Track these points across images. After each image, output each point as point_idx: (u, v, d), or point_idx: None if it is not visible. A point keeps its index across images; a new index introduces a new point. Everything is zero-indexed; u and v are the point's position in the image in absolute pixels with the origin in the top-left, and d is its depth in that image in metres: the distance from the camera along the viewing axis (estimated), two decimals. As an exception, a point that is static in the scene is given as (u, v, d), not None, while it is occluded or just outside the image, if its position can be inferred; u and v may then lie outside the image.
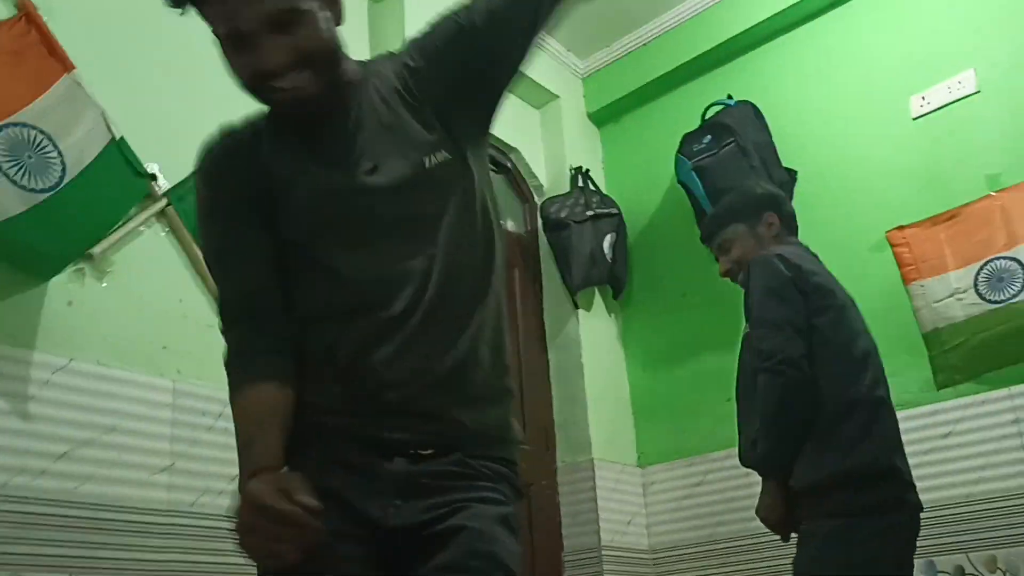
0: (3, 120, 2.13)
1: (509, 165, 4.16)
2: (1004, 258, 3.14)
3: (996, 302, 3.12)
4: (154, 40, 2.65)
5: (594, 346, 3.95)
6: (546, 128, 4.33)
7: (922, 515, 2.20)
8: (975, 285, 3.17)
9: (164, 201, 2.51)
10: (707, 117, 3.87)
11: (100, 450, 2.17)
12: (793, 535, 2.21)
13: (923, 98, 3.50)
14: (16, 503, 2.01)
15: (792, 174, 3.70)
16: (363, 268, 1.32)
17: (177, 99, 2.67)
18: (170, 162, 2.55)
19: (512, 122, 4.17)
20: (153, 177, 2.48)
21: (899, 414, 3.15)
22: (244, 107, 2.82)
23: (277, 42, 1.26)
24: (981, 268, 3.17)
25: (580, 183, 4.14)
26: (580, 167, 4.18)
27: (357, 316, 1.31)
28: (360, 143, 1.35)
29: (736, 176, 3.56)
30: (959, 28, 3.49)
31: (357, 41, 3.46)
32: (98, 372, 2.24)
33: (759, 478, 2.25)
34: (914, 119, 3.51)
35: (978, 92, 3.37)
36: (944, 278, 3.24)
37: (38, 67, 2.27)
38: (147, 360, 2.37)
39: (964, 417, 3.14)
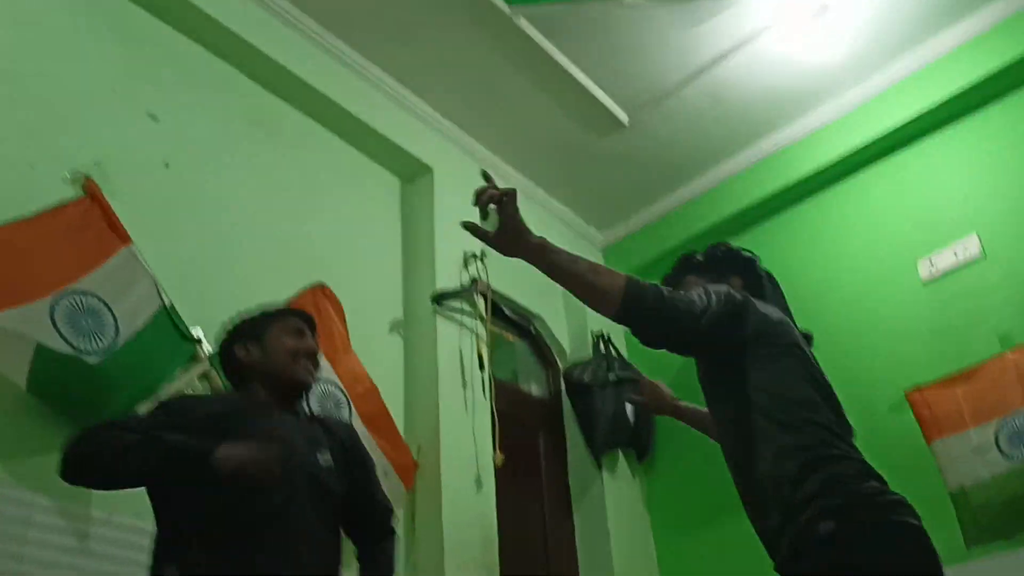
0: (65, 287, 2.31)
1: (532, 331, 4.30)
2: (1023, 415, 3.18)
3: (1018, 459, 3.14)
4: (201, 218, 2.89)
5: (619, 510, 3.95)
6: (568, 296, 4.46)
7: None
8: (996, 442, 3.19)
9: (207, 364, 2.65)
10: (723, 284, 4.03)
11: (134, 604, 2.22)
12: None
13: (931, 262, 3.66)
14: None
15: (808, 336, 3.80)
16: None
17: (220, 268, 2.87)
18: (214, 327, 2.71)
19: (535, 290, 4.36)
20: (198, 341, 2.63)
21: (929, 575, 3.15)
22: (281, 278, 3.03)
23: None
24: (1001, 426, 3.21)
25: (602, 349, 4.26)
26: (602, 333, 4.31)
27: None
28: None
29: (753, 338, 3.68)
30: (961, 196, 3.68)
31: (390, 220, 3.72)
32: (137, 526, 2.30)
33: None
34: (924, 283, 3.64)
35: (983, 256, 3.52)
36: (965, 436, 3.27)
37: (99, 240, 2.48)
38: (183, 516, 2.44)
39: (997, 578, 3.09)
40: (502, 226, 1.70)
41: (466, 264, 3.75)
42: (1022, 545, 3.09)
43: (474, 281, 3.71)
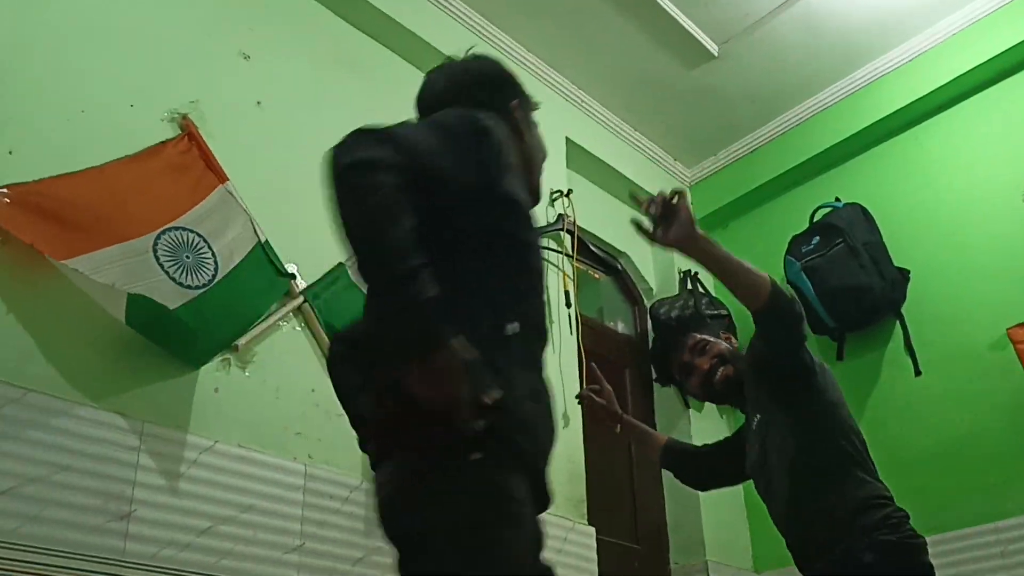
0: (167, 224, 2.39)
1: (619, 268, 4.28)
2: None
3: None
4: (293, 156, 2.94)
5: (707, 447, 3.94)
6: (655, 233, 4.45)
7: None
8: (1104, 382, 3.08)
9: (301, 299, 2.72)
10: (815, 219, 3.93)
11: (238, 527, 2.32)
12: None
13: (1037, 196, 3.49)
14: (164, 573, 2.16)
15: (905, 273, 3.70)
16: None
17: (312, 205, 2.91)
18: (306, 263, 2.78)
19: (622, 228, 4.32)
20: (292, 276, 2.70)
21: (1033, 519, 3.09)
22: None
23: None
24: (1109, 364, 3.09)
25: (689, 286, 4.22)
26: (689, 270, 4.26)
27: None
28: None
29: (845, 275, 3.60)
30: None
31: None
32: (239, 454, 2.41)
33: None
34: (1029, 217, 3.49)
35: (1093, 186, 3.35)
36: (1070, 374, 3.16)
37: (198, 179, 2.55)
38: (282, 444, 2.53)
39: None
40: (683, 220, 1.94)
41: (552, 201, 3.74)
42: None
43: (561, 218, 3.70)
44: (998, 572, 3.10)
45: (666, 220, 1.95)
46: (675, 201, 1.94)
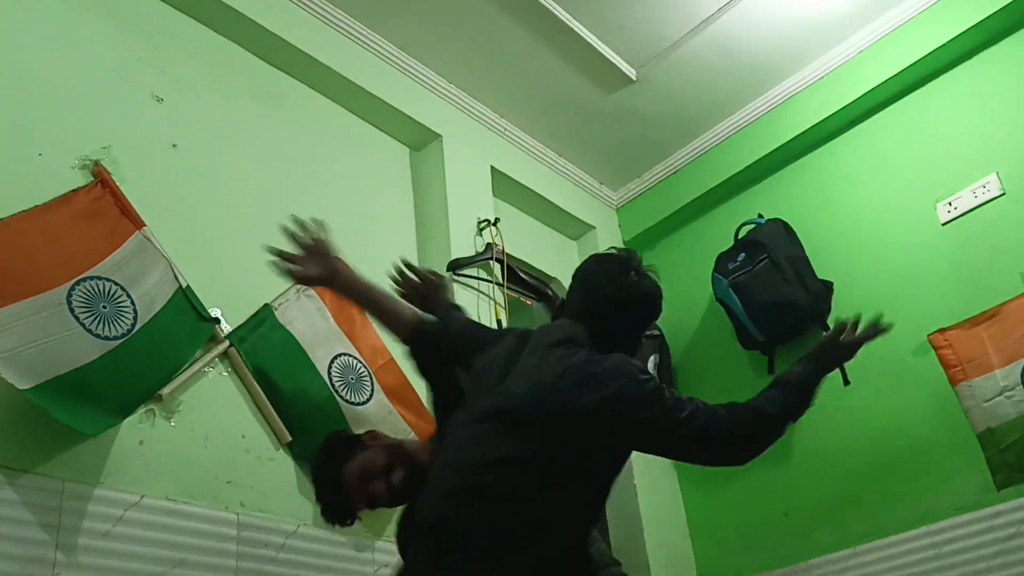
0: (82, 275, 2.31)
1: (550, 293, 4.28)
2: (1049, 353, 3.15)
3: (1046, 396, 3.11)
4: (212, 198, 2.88)
5: (646, 465, 3.95)
6: (584, 257, 4.47)
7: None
8: (1023, 381, 3.17)
9: (226, 343, 2.66)
10: (740, 236, 4.00)
11: (170, 584, 2.24)
12: None
13: (950, 204, 3.60)
14: (91, 639, 2.08)
15: (828, 285, 3.79)
16: None
17: (234, 247, 2.87)
18: (231, 306, 2.72)
19: (551, 253, 4.35)
20: (216, 321, 2.64)
21: (959, 519, 3.16)
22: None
23: None
24: (1027, 364, 3.18)
25: (622, 307, 4.24)
26: (622, 291, 4.28)
27: None
28: None
29: (771, 290, 3.67)
30: (978, 134, 3.61)
31: (402, 190, 3.70)
32: (168, 507, 2.33)
33: None
34: (943, 224, 3.59)
35: (1003, 194, 3.46)
36: (991, 377, 3.24)
37: (113, 226, 2.47)
38: (213, 495, 2.46)
39: (1029, 517, 3.08)
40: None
41: (480, 230, 3.74)
42: (1052, 483, 3.08)
43: (489, 247, 3.70)
44: (933, 574, 3.16)
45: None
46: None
